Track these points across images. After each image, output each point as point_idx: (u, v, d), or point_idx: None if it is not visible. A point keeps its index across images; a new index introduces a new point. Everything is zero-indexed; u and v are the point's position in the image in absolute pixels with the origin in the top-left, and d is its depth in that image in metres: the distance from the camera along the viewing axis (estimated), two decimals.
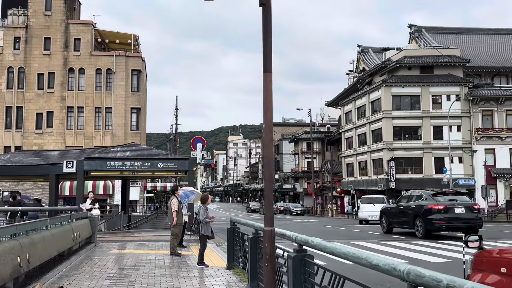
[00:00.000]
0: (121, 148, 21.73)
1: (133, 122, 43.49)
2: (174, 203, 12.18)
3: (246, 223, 8.40)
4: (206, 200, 10.81)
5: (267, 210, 5.88)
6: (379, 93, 49.44)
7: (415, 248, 14.37)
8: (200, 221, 10.28)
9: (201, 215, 10.30)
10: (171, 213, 12.23)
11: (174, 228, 12.20)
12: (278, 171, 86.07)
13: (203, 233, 10.32)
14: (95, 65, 43.76)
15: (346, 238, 17.63)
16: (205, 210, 10.39)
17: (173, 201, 12.25)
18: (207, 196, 11.16)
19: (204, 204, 10.66)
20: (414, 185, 47.07)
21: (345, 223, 31.25)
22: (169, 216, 12.44)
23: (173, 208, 12.13)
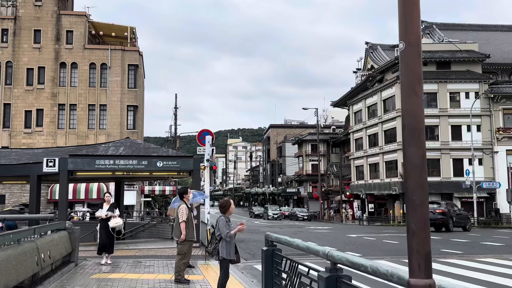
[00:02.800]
0: (113, 144, 18.49)
1: (129, 120, 40.28)
2: (182, 211, 8.92)
3: (302, 246, 5.17)
4: (228, 208, 7.38)
5: (419, 240, 2.67)
6: (393, 90, 46.31)
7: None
8: (221, 237, 7.07)
9: (221, 229, 7.10)
10: (178, 224, 8.96)
11: (182, 245, 8.94)
12: (281, 174, 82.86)
13: (224, 256, 7.11)
14: (88, 59, 40.61)
15: (392, 254, 14.41)
16: (226, 222, 7.17)
17: (181, 208, 8.99)
18: (229, 202, 7.50)
19: (225, 213, 7.39)
20: (431, 189, 43.94)
21: (369, 231, 28.00)
22: (175, 229, 9.14)
23: (181, 217, 8.85)
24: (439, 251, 15.40)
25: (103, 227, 11.49)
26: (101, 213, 11.49)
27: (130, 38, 42.69)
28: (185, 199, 9.26)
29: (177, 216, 9.04)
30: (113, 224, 11.37)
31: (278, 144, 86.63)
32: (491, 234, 25.53)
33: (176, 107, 48.52)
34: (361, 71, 63.65)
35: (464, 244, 17.99)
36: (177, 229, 9.02)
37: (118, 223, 11.50)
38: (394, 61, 48.46)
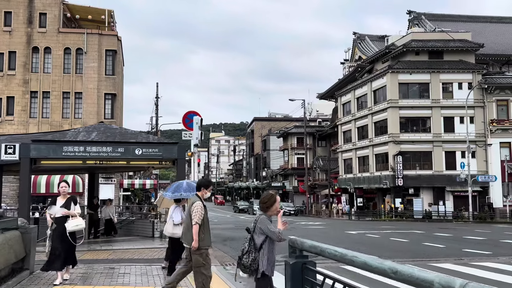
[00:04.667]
0: (84, 129, 16.18)
1: (107, 109, 37.72)
2: (197, 210, 6.65)
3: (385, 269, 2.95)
4: (272, 205, 5.29)
5: None
6: (384, 80, 44.59)
7: None
8: (261, 245, 5.09)
9: (268, 230, 5.11)
10: (189, 227, 6.72)
11: (198, 254, 6.67)
12: (265, 168, 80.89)
13: (265, 270, 5.18)
14: (63, 43, 37.89)
15: (413, 256, 12.46)
16: (269, 224, 5.18)
17: (196, 206, 6.69)
18: (274, 197, 5.36)
19: (266, 211, 5.30)
20: (423, 183, 42.65)
21: (365, 227, 26.16)
22: (186, 232, 6.87)
23: (195, 218, 6.63)
24: (461, 251, 13.56)
25: (57, 231, 8.18)
26: (53, 211, 8.23)
27: (108, 22, 40.07)
28: (203, 194, 6.97)
29: (188, 216, 6.81)
30: (71, 227, 8.11)
31: (262, 137, 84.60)
32: (501, 230, 23.85)
33: (157, 97, 46.03)
34: (349, 62, 61.95)
35: (484, 243, 16.18)
36: (188, 232, 6.76)
37: (79, 225, 8.23)
38: (385, 51, 46.83)
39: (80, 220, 8.28)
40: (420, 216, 39.12)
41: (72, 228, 8.17)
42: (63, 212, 8.18)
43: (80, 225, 8.32)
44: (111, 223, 18.23)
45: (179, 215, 9.43)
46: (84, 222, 8.42)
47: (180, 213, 9.50)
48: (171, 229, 9.43)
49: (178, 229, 9.20)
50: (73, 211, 8.24)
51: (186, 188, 9.32)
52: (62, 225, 8.12)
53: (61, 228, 8.14)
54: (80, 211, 8.39)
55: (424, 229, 23.65)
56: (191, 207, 6.74)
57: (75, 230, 8.29)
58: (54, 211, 8.28)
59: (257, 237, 5.11)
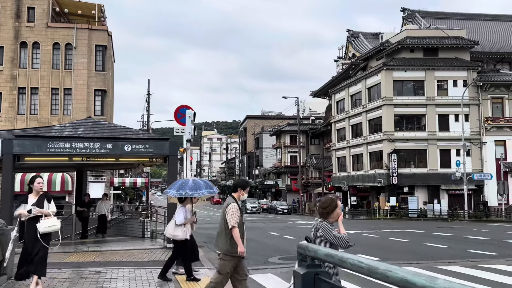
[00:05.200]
0: (71, 124, 15.45)
1: (97, 106, 36.88)
2: (233, 212, 6.03)
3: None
4: (332, 211, 4.77)
5: None
6: (378, 77, 44.10)
7: None
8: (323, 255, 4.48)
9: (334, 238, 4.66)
10: (222, 231, 6.10)
11: (227, 260, 6.02)
12: (258, 167, 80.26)
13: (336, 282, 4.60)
14: (52, 38, 36.98)
15: (417, 258, 11.88)
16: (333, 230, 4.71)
17: (232, 208, 6.08)
18: (334, 202, 4.85)
19: (326, 218, 4.77)
20: (418, 181, 42.26)
21: (361, 226, 25.59)
22: (219, 237, 6.20)
23: (231, 221, 5.99)
24: (465, 252, 13.02)
25: (29, 232, 7.13)
26: (23, 210, 7.12)
27: (98, 16, 39.18)
28: (239, 194, 6.29)
29: (222, 219, 6.13)
30: (43, 228, 6.98)
31: (255, 136, 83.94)
32: (500, 229, 23.37)
33: (148, 93, 45.23)
34: (343, 60, 61.50)
35: (488, 243, 15.66)
36: (222, 237, 6.07)
37: (53, 226, 7.09)
38: (379, 48, 46.36)
39: (54, 220, 7.19)
40: (415, 215, 38.70)
41: (45, 229, 7.03)
42: (36, 211, 7.10)
43: (54, 226, 7.19)
44: (104, 220, 17.31)
45: (182, 216, 8.62)
46: (59, 223, 7.34)
47: (183, 213, 8.67)
48: (172, 230, 8.62)
49: (179, 231, 8.51)
50: (46, 210, 7.16)
51: (192, 186, 8.50)
52: (34, 226, 7.02)
53: (32, 230, 7.04)
54: (55, 210, 7.35)
55: (422, 228, 23.16)
56: (225, 209, 6.10)
57: (48, 231, 7.16)
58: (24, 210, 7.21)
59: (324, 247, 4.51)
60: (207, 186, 8.67)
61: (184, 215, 8.63)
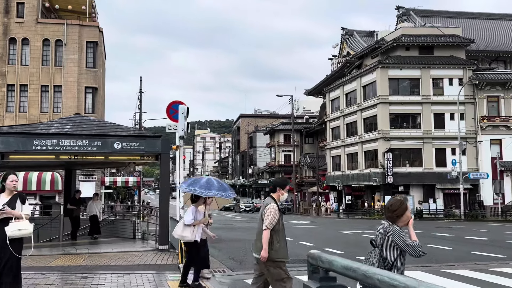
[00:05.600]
0: (58, 121, 14.79)
1: (87, 104, 36.17)
2: (272, 213, 5.56)
3: None
4: (402, 214, 4.36)
5: None
6: (374, 76, 43.68)
7: None
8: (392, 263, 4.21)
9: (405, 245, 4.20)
10: (261, 233, 5.63)
11: (273, 267, 5.54)
12: (251, 166, 79.69)
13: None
14: (42, 34, 36.26)
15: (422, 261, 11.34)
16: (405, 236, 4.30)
17: (271, 208, 5.60)
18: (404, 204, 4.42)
19: (395, 221, 4.35)
20: (413, 180, 41.90)
21: (358, 226, 25.11)
22: (256, 241, 5.74)
23: (266, 222, 5.53)
24: (470, 254, 12.52)
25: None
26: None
27: (89, 12, 38.47)
28: (278, 194, 5.79)
29: (260, 221, 5.66)
30: (11, 231, 6.00)
31: (248, 134, 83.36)
32: (500, 229, 22.92)
33: (140, 91, 44.51)
34: (337, 58, 61.05)
35: (491, 245, 15.17)
36: (259, 240, 5.63)
37: (22, 229, 6.05)
38: (374, 46, 45.90)
39: (25, 223, 6.13)
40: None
41: (13, 233, 6.01)
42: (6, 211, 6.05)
43: (24, 229, 6.13)
44: (96, 221, 16.36)
45: (191, 216, 7.95)
46: (31, 227, 6.25)
47: (192, 213, 7.99)
48: (180, 230, 7.97)
49: (188, 232, 7.88)
50: (18, 212, 6.16)
51: (203, 184, 7.91)
52: (3, 229, 6.04)
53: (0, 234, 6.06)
54: (29, 213, 6.31)
55: (420, 228, 22.66)
56: (264, 210, 5.61)
57: (17, 236, 6.10)
58: None
59: (388, 252, 4.21)
60: (221, 188, 8.00)
61: (194, 215, 7.94)
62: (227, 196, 8.19)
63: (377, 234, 4.31)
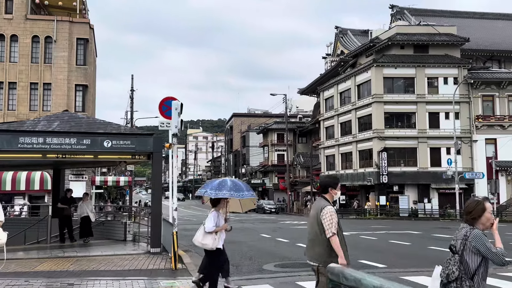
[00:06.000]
0: (45, 118, 14.19)
1: (78, 102, 35.46)
2: (331, 217, 5.07)
3: None
4: (480, 216, 4.02)
5: None
6: (368, 74, 43.31)
7: None
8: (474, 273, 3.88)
9: (488, 252, 3.85)
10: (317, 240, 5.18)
11: None
12: (244, 165, 79.16)
13: None
14: (31, 31, 35.51)
15: (430, 265, 10.89)
16: (487, 242, 3.94)
17: (329, 211, 5.11)
18: (482, 205, 4.03)
19: (474, 223, 4.03)
20: (408, 180, 41.60)
21: (355, 227, 24.62)
22: (314, 246, 5.22)
23: (330, 228, 5.03)
24: None
25: None
26: None
27: (79, 9, 37.71)
28: (331, 194, 5.33)
29: (315, 225, 5.14)
30: None
31: (241, 134, 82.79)
32: (501, 230, 22.45)
33: (132, 89, 43.77)
34: (331, 57, 60.69)
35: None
36: (317, 247, 5.12)
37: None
38: (369, 44, 45.54)
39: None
40: (406, 214, 38.00)
41: None
42: None
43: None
44: (88, 222, 15.41)
45: (212, 221, 7.31)
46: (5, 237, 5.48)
47: (214, 219, 7.35)
48: (201, 238, 7.34)
49: (208, 239, 7.26)
50: None
51: (232, 187, 7.31)
52: None
53: None
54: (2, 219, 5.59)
55: (417, 229, 22.33)
56: (319, 214, 5.11)
57: None
58: None
59: (469, 259, 3.85)
60: (234, 187, 7.33)
61: (216, 221, 7.31)
62: (241, 196, 7.43)
63: (456, 238, 3.91)
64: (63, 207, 15.60)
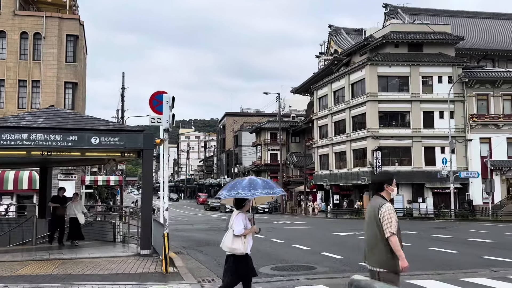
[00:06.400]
0: (30, 113, 13.55)
1: (67, 99, 34.69)
2: (390, 216, 4.74)
3: None
4: None
5: None
6: (363, 73, 42.90)
7: None
8: None
9: None
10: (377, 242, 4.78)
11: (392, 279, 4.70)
12: (237, 165, 78.59)
13: None
14: (19, 27, 34.72)
15: (434, 267, 10.42)
16: None
17: (388, 210, 4.78)
18: None
19: None
20: (402, 179, 41.01)
21: (351, 227, 24.20)
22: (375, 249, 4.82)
23: (390, 227, 4.69)
24: (480, 258, 11.60)
25: None
26: None
27: (69, 5, 37.00)
28: (387, 191, 5.00)
29: (373, 225, 4.74)
30: None
31: (234, 133, 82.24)
32: (497, 229, 22.18)
33: (123, 87, 43.07)
34: (325, 55, 60.28)
35: (499, 247, 14.28)
36: (378, 250, 4.72)
37: None
38: (363, 43, 45.18)
39: None
40: (400, 214, 37.56)
41: None
42: None
43: None
44: (77, 224, 14.57)
45: (241, 224, 6.70)
46: None
47: (242, 221, 6.75)
48: (230, 242, 6.76)
49: (238, 243, 6.67)
50: None
51: (246, 185, 6.72)
52: None
53: None
54: None
55: (414, 229, 21.90)
56: (377, 213, 4.70)
57: None
58: None
59: None
60: (267, 185, 6.77)
61: (244, 224, 6.72)
62: (276, 192, 6.91)
63: None
64: (55, 205, 14.81)
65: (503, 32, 53.53)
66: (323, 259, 11.61)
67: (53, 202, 14.95)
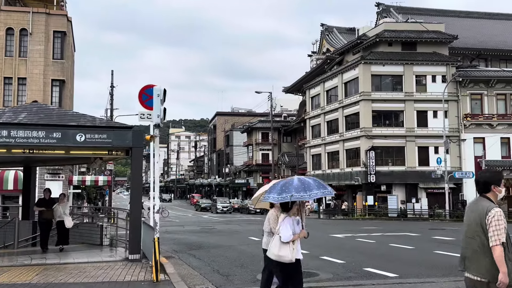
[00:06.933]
0: (11, 109, 12.77)
1: (54, 97, 33.70)
2: (499, 222, 4.06)
3: None
4: None
5: None
6: (356, 72, 42.40)
7: None
8: None
9: None
10: (481, 250, 4.14)
11: None
12: (228, 165, 77.82)
13: None
14: (5, 23, 33.72)
15: (443, 272, 9.81)
16: None
17: (496, 215, 4.08)
18: None
19: None
20: (395, 179, 40.80)
21: (347, 228, 23.59)
22: (479, 257, 4.15)
23: (497, 235, 4.02)
24: None
25: None
26: None
27: (57, 1, 36.02)
28: (495, 196, 4.30)
29: (480, 231, 4.10)
30: None
31: (225, 133, 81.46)
32: None
33: (112, 86, 42.15)
34: (317, 54, 59.75)
35: None
36: (483, 258, 4.10)
37: None
38: (356, 41, 44.71)
39: None
40: (395, 215, 37.15)
41: None
42: None
43: None
44: (64, 227, 13.51)
45: (289, 230, 6.00)
46: None
47: (290, 226, 6.05)
48: (277, 249, 6.04)
49: (285, 250, 5.96)
50: None
51: (299, 186, 5.96)
52: None
53: None
54: None
55: (411, 230, 21.37)
56: (484, 217, 4.07)
57: None
58: None
59: None
60: (320, 185, 6.04)
61: (292, 229, 6.02)
62: (329, 193, 6.28)
63: None
64: (41, 209, 13.65)
65: (496, 31, 53.38)
66: (324, 264, 10.98)
67: (39, 205, 13.80)
